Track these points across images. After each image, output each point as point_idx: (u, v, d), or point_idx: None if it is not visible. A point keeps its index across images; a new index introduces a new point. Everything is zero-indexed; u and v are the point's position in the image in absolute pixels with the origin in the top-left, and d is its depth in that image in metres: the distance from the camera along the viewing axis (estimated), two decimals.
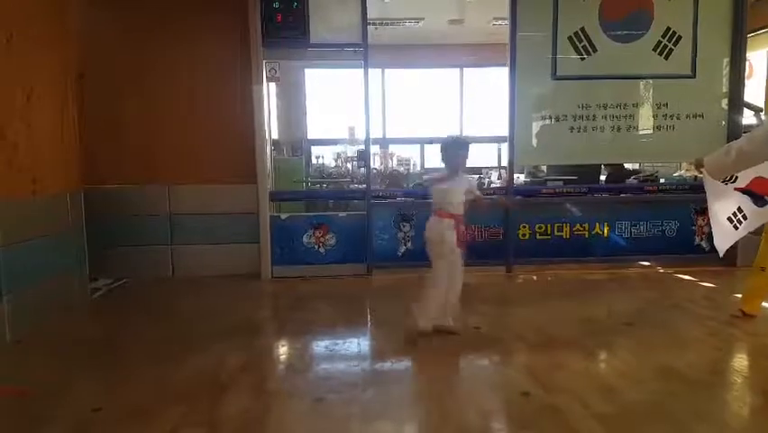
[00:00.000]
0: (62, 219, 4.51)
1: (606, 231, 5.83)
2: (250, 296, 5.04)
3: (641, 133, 5.71)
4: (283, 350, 3.74)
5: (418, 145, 9.56)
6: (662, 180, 6.47)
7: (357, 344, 3.76)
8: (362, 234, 5.66)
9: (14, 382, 3.00)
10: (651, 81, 5.66)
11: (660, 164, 6.97)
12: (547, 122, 5.66)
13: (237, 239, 5.62)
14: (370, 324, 4.29)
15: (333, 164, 7.69)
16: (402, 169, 8.24)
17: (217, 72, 5.60)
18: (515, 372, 3.17)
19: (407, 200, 5.93)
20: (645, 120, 5.70)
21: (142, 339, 3.88)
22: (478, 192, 3.82)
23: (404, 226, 5.72)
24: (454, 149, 3.66)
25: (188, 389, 2.94)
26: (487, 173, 8.52)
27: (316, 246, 5.67)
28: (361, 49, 5.47)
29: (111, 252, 5.50)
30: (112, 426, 2.54)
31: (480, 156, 9.36)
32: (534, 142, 5.72)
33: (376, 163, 7.64)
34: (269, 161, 5.69)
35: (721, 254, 4.04)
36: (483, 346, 3.59)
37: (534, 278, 5.57)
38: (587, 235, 5.82)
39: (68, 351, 3.64)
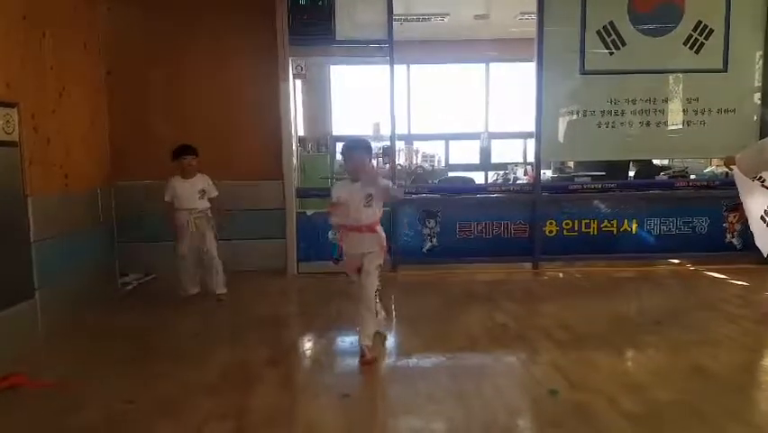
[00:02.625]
0: (93, 214, 4.61)
1: (634, 228, 5.73)
2: (276, 291, 5.08)
3: (671, 128, 5.59)
4: (309, 345, 3.77)
5: (443, 141, 9.57)
6: (692, 177, 6.32)
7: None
8: (387, 230, 5.63)
9: (47, 374, 3.08)
10: (681, 76, 5.54)
11: (690, 160, 6.82)
12: (575, 117, 5.58)
13: (264, 235, 5.67)
14: (394, 320, 4.29)
15: None
16: (427, 165, 8.24)
17: (244, 70, 5.65)
18: (542, 369, 3.14)
19: (432, 197, 5.92)
20: (675, 115, 5.58)
21: (172, 333, 3.96)
22: (386, 183, 3.44)
23: (429, 223, 5.70)
24: (349, 151, 3.38)
25: (217, 382, 2.98)
26: (512, 169, 8.47)
27: (342, 243, 5.68)
28: (387, 45, 5.46)
29: (140, 247, 5.60)
30: (144, 416, 2.59)
31: (505, 152, 9.31)
32: (561, 137, 5.65)
33: (401, 160, 7.64)
34: (295, 157, 5.73)
35: (765, 255, 3.85)
36: (510, 344, 3.57)
37: (561, 275, 5.51)
38: (615, 232, 5.73)
39: (100, 343, 3.73)
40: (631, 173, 6.73)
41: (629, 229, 5.73)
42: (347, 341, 3.74)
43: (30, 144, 3.66)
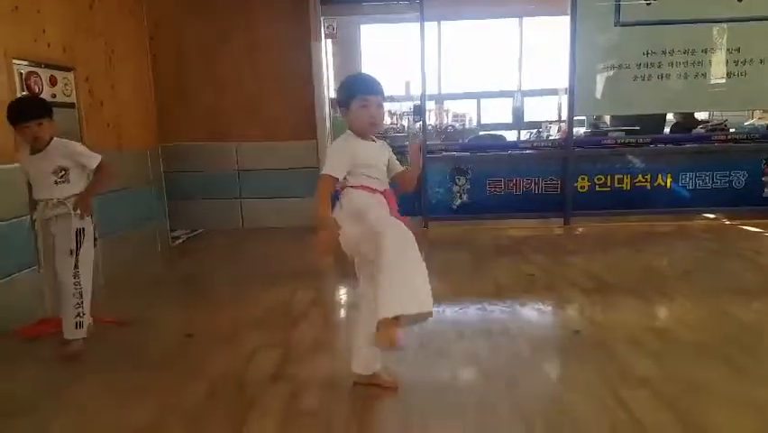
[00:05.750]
0: (144, 174, 4.92)
1: (669, 182, 5.72)
2: (313, 245, 5.32)
3: (710, 80, 5.49)
4: (345, 290, 4.01)
5: (475, 100, 9.54)
6: (731, 130, 6.21)
7: None
8: (418, 187, 5.80)
9: (111, 314, 3.40)
10: (722, 25, 5.39)
11: (731, 113, 6.67)
12: (609, 71, 5.53)
13: (299, 193, 5.91)
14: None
15: (388, 121, 7.82)
16: (458, 124, 8.27)
17: (275, 30, 5.78)
18: (567, 313, 3.29)
19: (463, 154, 6.01)
20: (715, 66, 5.46)
21: (221, 279, 4.27)
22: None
23: (459, 180, 5.82)
24: (369, 88, 2.19)
25: (265, 318, 3.28)
26: (546, 127, 8.42)
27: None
28: (417, 1, 5.49)
29: (187, 205, 5.93)
30: (203, 347, 2.89)
31: (539, 110, 9.23)
32: (596, 91, 5.62)
33: (431, 120, 7.70)
34: (327, 118, 5.89)
35: None
36: (537, 291, 3.71)
37: (592, 230, 5.57)
38: (649, 187, 5.73)
39: (157, 289, 4.07)
40: (667, 130, 6.65)
41: (663, 184, 5.72)
42: None
43: (86, 106, 3.94)
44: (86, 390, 2.48)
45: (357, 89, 2.18)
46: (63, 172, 2.81)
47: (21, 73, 3.30)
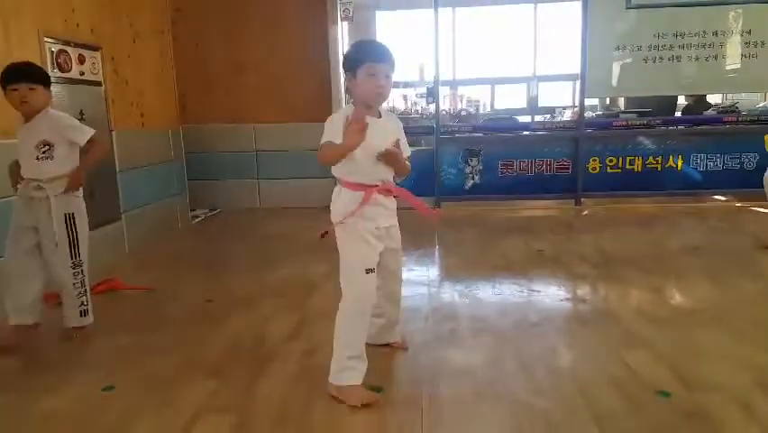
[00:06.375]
0: (165, 152, 5.09)
1: (680, 164, 5.76)
2: (328, 223, 5.47)
3: (721, 62, 5.51)
4: None
5: (489, 86, 9.57)
6: (743, 112, 6.21)
7: (426, 267, 4.10)
8: (431, 168, 5.91)
9: (135, 282, 3.58)
10: (733, 7, 5.40)
11: (743, 95, 6.66)
12: (621, 53, 5.57)
13: (314, 174, 6.02)
14: (437, 246, 4.59)
15: (402, 107, 7.92)
16: (471, 110, 8.32)
17: (295, 14, 5.90)
18: (573, 284, 3.40)
19: (475, 136, 6.09)
20: (726, 48, 5.48)
21: (240, 253, 4.44)
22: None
23: (471, 161, 5.92)
24: (380, 56, 2.01)
25: (282, 288, 3.43)
26: (560, 112, 8.44)
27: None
28: None
29: (206, 185, 6.10)
30: (223, 311, 3.05)
31: (553, 95, 9.24)
32: (607, 75, 5.68)
33: (445, 105, 7.77)
34: (343, 99, 6.01)
35: None
36: (545, 265, 3.82)
37: (603, 210, 5.64)
38: (659, 169, 5.78)
39: (178, 261, 4.25)
40: (679, 113, 6.66)
41: (674, 166, 5.77)
42: None
43: (111, 85, 4.10)
44: (114, 346, 2.65)
45: (366, 56, 1.99)
46: (46, 148, 2.51)
47: (52, 51, 3.46)
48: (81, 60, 3.75)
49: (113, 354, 2.57)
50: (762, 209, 5.30)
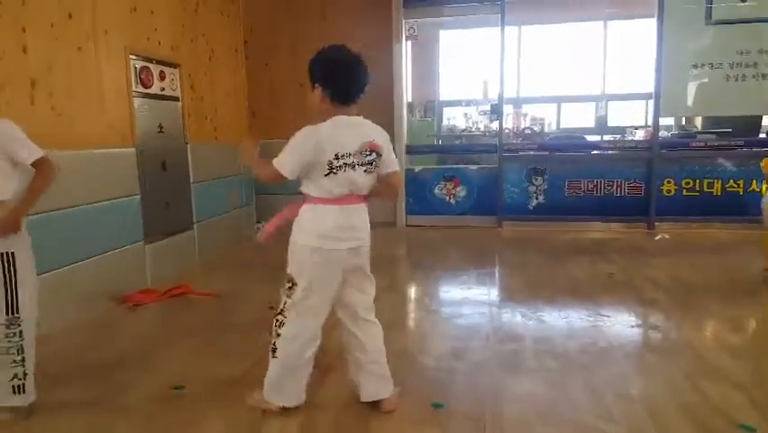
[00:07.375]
0: (235, 167, 5.28)
1: (765, 188, 5.37)
2: (388, 239, 5.50)
3: None
4: (419, 276, 4.13)
5: (554, 104, 9.36)
6: None
7: (486, 287, 4.02)
8: (493, 187, 5.82)
9: (206, 288, 3.72)
10: None
11: None
12: (699, 71, 5.31)
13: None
14: (498, 269, 4.50)
15: (463, 126, 7.88)
16: (536, 128, 8.16)
17: (360, 33, 5.98)
18: (643, 311, 3.23)
19: (540, 154, 5.95)
20: None
21: None
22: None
23: (536, 180, 5.78)
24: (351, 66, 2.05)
25: None
26: (631, 132, 8.13)
27: (447, 198, 5.97)
28: (498, 3, 5.54)
29: (272, 198, 6.25)
30: None
31: (623, 115, 8.92)
32: (683, 93, 5.42)
33: (508, 123, 7.67)
34: (404, 119, 6.04)
35: None
36: (614, 289, 3.64)
37: (678, 235, 5.34)
38: (741, 193, 5.43)
39: (245, 270, 4.37)
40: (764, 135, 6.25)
41: (758, 190, 5.39)
42: (449, 277, 4.05)
43: (188, 100, 4.32)
44: (185, 348, 2.75)
45: (334, 93, 1.97)
46: None
47: (136, 67, 3.70)
48: (162, 77, 3.98)
49: (183, 355, 2.67)
50: None
